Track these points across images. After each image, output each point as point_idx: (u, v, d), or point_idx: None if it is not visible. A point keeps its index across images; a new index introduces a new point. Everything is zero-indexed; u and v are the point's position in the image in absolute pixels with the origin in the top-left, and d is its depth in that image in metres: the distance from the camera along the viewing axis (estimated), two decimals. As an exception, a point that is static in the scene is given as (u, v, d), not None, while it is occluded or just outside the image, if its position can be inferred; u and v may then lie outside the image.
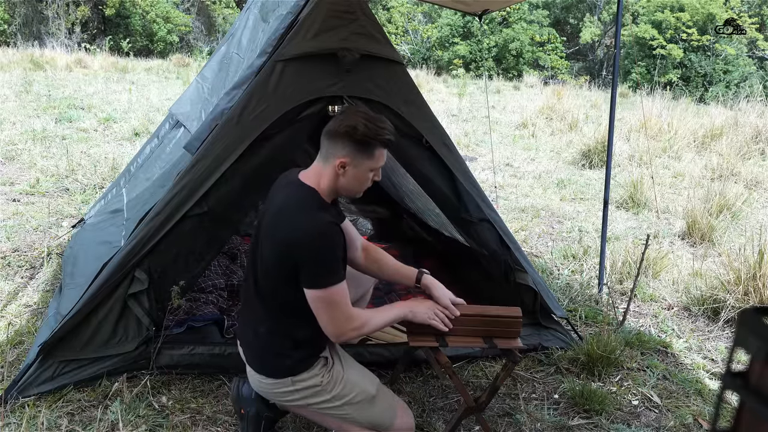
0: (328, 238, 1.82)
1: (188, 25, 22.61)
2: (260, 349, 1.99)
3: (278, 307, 1.93)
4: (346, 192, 1.96)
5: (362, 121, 1.84)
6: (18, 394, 2.32)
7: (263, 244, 1.91)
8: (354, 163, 1.87)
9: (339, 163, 1.86)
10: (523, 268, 2.87)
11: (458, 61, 20.92)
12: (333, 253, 1.83)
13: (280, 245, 1.84)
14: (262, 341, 1.97)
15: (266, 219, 1.93)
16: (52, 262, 3.60)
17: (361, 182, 1.93)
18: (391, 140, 1.90)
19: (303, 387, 1.95)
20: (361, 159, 1.87)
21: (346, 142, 1.85)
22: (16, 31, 18.86)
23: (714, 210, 5.44)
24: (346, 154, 1.86)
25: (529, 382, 2.78)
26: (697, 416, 2.61)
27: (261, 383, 2.00)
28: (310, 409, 2.00)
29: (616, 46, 3.61)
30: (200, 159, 2.44)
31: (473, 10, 4.46)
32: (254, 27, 3.22)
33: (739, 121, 10.07)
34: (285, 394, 1.98)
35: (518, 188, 6.51)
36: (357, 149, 1.86)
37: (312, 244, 1.80)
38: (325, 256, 1.81)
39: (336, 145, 1.87)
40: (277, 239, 1.85)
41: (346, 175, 1.89)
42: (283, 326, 1.94)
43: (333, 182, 1.91)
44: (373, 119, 1.87)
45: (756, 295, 3.52)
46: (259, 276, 1.94)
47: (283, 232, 1.83)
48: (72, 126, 7.59)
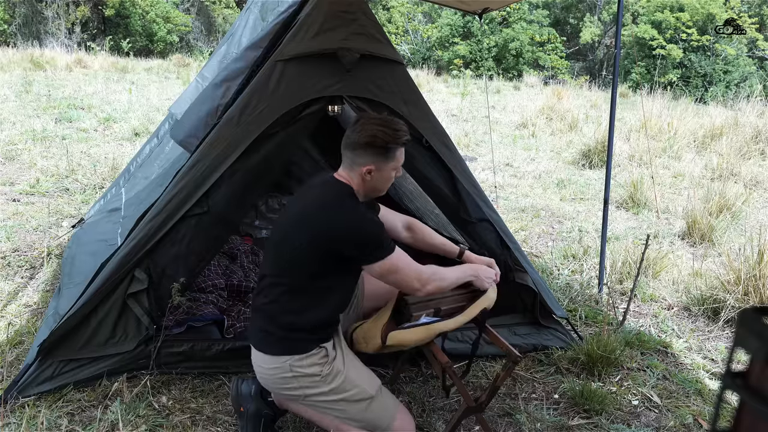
0: (369, 222, 1.97)
1: (188, 25, 22.62)
2: (263, 322, 2.01)
3: (292, 290, 1.97)
4: (375, 192, 2.09)
5: (380, 128, 1.97)
6: (18, 394, 2.32)
7: (294, 235, 1.96)
8: (379, 168, 2.01)
9: (366, 170, 2.00)
10: (523, 268, 2.87)
11: (458, 61, 20.92)
12: (379, 232, 1.96)
13: (319, 236, 1.92)
14: (267, 316, 2.00)
15: (303, 211, 2.00)
16: (52, 262, 3.60)
17: (387, 181, 2.08)
18: (409, 139, 2.04)
19: (301, 374, 1.96)
20: (385, 163, 2.01)
21: (370, 151, 1.98)
22: (16, 31, 18.87)
23: (714, 210, 5.44)
24: (371, 162, 1.99)
25: (529, 382, 2.78)
26: (697, 416, 2.61)
27: (261, 367, 2.01)
28: (308, 401, 2.01)
29: (616, 46, 3.61)
30: (200, 159, 2.43)
31: (473, 9, 4.46)
32: (254, 27, 3.22)
33: (739, 121, 10.07)
34: (284, 381, 1.98)
35: (518, 188, 6.51)
36: (380, 156, 1.99)
37: (359, 232, 1.93)
38: (373, 239, 1.94)
39: (360, 155, 1.99)
40: (316, 231, 1.93)
41: (372, 179, 2.03)
42: (292, 307, 1.97)
43: (361, 187, 2.04)
44: (390, 124, 1.99)
45: (756, 295, 3.52)
46: (283, 261, 1.99)
47: (324, 225, 1.93)
48: (72, 126, 7.59)
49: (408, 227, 2.39)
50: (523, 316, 2.98)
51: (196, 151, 2.47)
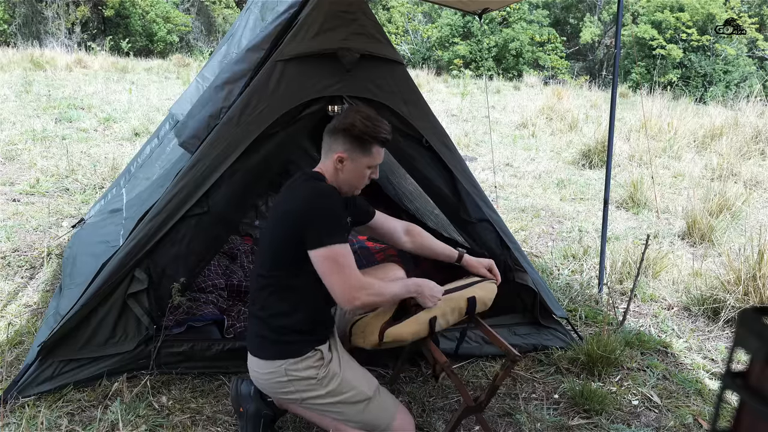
0: (326, 198, 1.92)
1: (188, 25, 22.62)
2: (257, 327, 2.02)
3: (279, 290, 1.97)
4: (346, 187, 2.05)
5: (360, 119, 1.96)
6: (18, 394, 2.32)
7: (271, 226, 1.99)
8: (351, 158, 1.98)
9: (337, 158, 1.98)
10: (523, 268, 2.87)
11: (458, 61, 20.92)
12: (333, 213, 1.91)
13: (284, 217, 1.93)
14: (260, 321, 2.01)
15: (277, 208, 2.01)
16: (52, 262, 3.60)
17: (359, 178, 2.03)
18: (388, 139, 2.01)
19: (297, 378, 1.96)
20: (359, 155, 1.98)
21: (345, 137, 1.97)
22: (16, 31, 18.86)
23: (714, 210, 5.44)
24: (344, 150, 1.97)
25: (529, 382, 2.78)
26: (697, 416, 2.61)
27: (257, 372, 2.02)
28: (306, 404, 2.01)
29: (616, 46, 3.61)
30: (200, 159, 2.44)
31: (473, 9, 4.46)
32: (254, 27, 3.22)
33: (739, 121, 10.07)
34: (280, 386, 1.98)
35: (518, 188, 6.51)
36: (354, 145, 1.97)
37: (311, 205, 1.89)
38: (325, 215, 1.89)
39: (335, 140, 1.99)
40: (281, 212, 1.95)
41: (344, 169, 2.00)
42: (282, 308, 1.97)
43: (334, 177, 2.01)
44: (371, 118, 1.98)
45: (756, 295, 3.52)
46: (266, 260, 1.99)
47: (287, 204, 1.95)
48: (72, 126, 7.59)
49: (407, 232, 2.37)
50: (523, 316, 2.98)
51: (197, 151, 2.47)
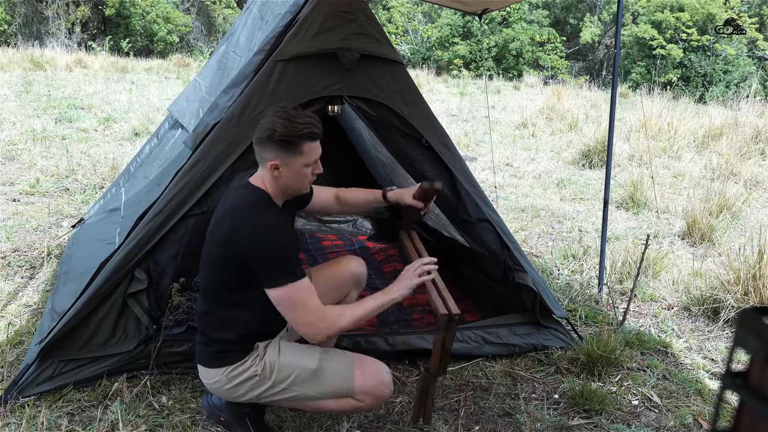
0: (273, 236, 1.84)
1: (188, 25, 22.60)
2: (199, 337, 2.05)
3: (217, 304, 1.98)
4: (291, 190, 1.98)
5: (280, 121, 1.83)
6: (18, 394, 2.32)
7: (208, 241, 1.97)
8: (285, 163, 1.89)
9: (271, 166, 1.89)
10: (522, 268, 2.87)
11: (458, 61, 20.92)
12: (282, 249, 1.85)
13: (224, 244, 1.88)
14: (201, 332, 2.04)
15: (215, 221, 1.98)
16: (52, 262, 3.60)
17: (301, 178, 1.94)
18: (316, 132, 1.88)
19: (241, 380, 1.97)
20: (291, 158, 1.88)
21: (271, 145, 1.87)
22: (16, 31, 18.86)
23: (714, 210, 5.43)
24: (274, 157, 1.88)
25: (529, 382, 2.78)
26: (697, 416, 2.61)
27: (205, 381, 2.05)
28: (263, 399, 2.02)
29: (616, 46, 3.61)
30: (200, 159, 2.44)
31: (473, 10, 4.45)
32: (253, 26, 3.22)
33: (739, 121, 10.06)
34: (230, 391, 2.00)
35: (518, 188, 6.50)
36: (283, 149, 1.87)
37: (258, 247, 1.82)
38: (274, 255, 1.83)
39: (264, 149, 1.89)
40: (221, 238, 1.88)
41: (281, 176, 1.91)
42: (217, 322, 1.99)
43: (274, 184, 1.93)
44: (291, 117, 1.85)
45: (756, 295, 3.52)
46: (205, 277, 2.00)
47: (227, 231, 1.87)
48: (72, 126, 7.59)
49: (336, 198, 2.35)
50: (522, 316, 2.98)
51: (197, 151, 2.47)
